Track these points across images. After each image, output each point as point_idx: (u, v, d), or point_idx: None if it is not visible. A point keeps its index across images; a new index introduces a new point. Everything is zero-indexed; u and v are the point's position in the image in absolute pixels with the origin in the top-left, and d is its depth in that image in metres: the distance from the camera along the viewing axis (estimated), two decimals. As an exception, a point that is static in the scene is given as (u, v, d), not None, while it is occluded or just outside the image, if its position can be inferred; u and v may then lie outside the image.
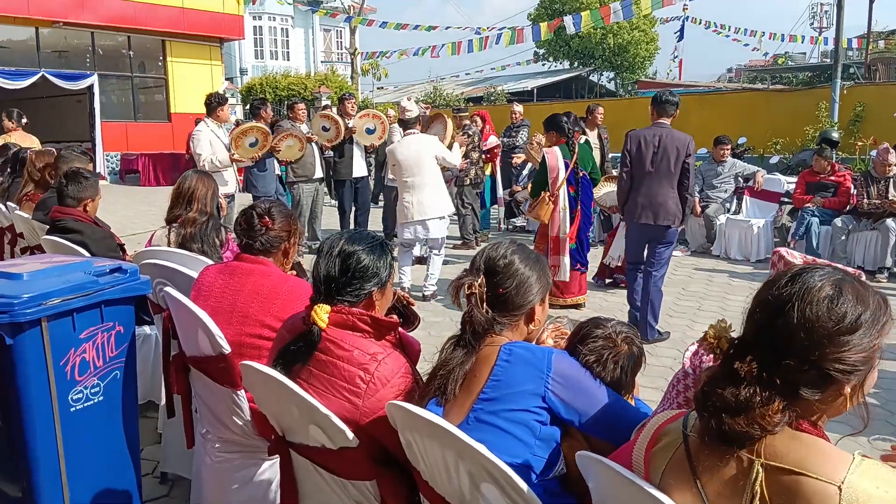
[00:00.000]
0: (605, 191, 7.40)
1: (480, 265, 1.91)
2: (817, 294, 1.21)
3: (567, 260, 6.13)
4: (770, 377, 1.21)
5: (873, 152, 7.97)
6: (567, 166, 6.07)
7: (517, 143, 9.92)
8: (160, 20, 20.06)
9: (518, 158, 9.48)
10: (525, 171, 9.90)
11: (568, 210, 6.11)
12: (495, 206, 10.36)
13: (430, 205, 6.32)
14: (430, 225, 6.35)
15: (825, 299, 1.21)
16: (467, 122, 8.98)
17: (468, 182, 8.79)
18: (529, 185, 7.37)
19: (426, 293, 6.50)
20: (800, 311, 1.20)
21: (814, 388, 1.21)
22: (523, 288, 1.89)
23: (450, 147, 6.91)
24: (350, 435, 1.79)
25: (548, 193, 6.04)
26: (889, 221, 7.27)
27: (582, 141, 6.82)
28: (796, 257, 2.01)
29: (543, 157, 6.21)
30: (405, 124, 6.68)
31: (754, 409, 1.19)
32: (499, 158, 9.79)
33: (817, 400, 1.23)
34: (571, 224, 6.13)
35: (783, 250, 2.06)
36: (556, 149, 6.13)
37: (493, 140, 9.53)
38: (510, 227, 10.48)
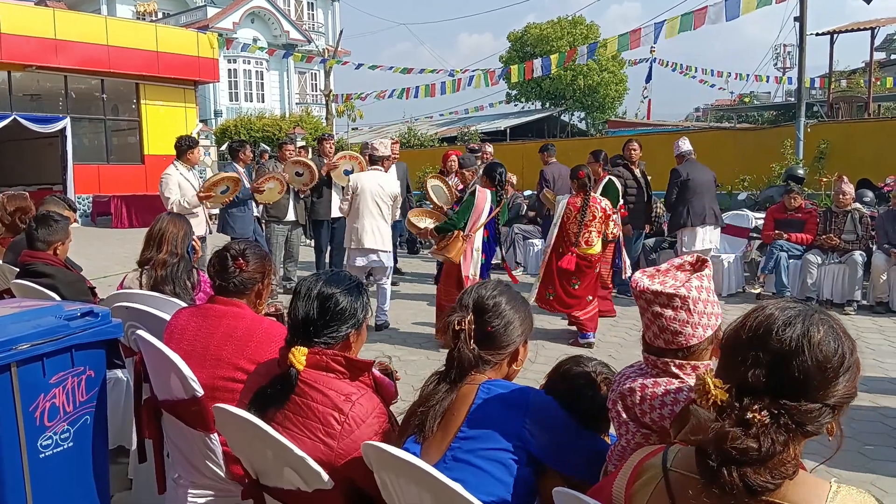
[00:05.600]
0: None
1: (469, 303, 1.93)
2: (820, 336, 1.23)
3: None
4: (784, 422, 1.20)
5: (836, 187, 8.16)
6: (491, 211, 6.14)
7: None
8: (134, 64, 20.12)
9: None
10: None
11: (480, 252, 6.12)
12: None
13: (384, 235, 6.54)
14: (381, 254, 6.56)
15: (828, 340, 1.23)
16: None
17: None
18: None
19: (378, 322, 6.68)
20: (812, 356, 1.21)
21: (821, 425, 1.23)
22: (510, 328, 1.92)
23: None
24: (325, 477, 1.78)
25: (462, 233, 6.07)
26: (856, 255, 7.43)
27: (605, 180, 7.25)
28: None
29: (473, 193, 6.25)
30: (373, 161, 6.89)
31: (776, 457, 1.18)
32: None
33: (817, 434, 1.24)
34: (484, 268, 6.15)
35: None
36: (488, 191, 6.20)
37: None
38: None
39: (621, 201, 7.73)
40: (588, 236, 6.16)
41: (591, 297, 6.29)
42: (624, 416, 1.77)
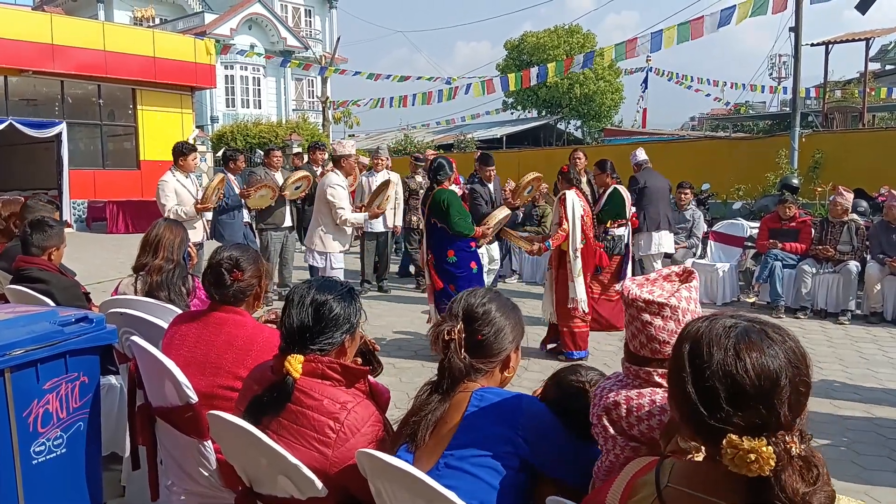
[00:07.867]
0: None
1: (459, 312, 1.91)
2: (795, 346, 1.21)
3: (431, 308, 6.07)
4: (804, 436, 1.18)
5: (832, 197, 8.20)
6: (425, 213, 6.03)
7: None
8: (131, 69, 20.12)
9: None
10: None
11: (427, 254, 5.98)
12: None
13: (314, 236, 6.95)
14: (316, 256, 6.98)
15: (798, 348, 1.22)
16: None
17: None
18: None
19: None
20: (803, 368, 1.20)
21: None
22: (501, 335, 1.90)
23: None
24: (319, 485, 1.78)
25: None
26: (850, 265, 7.44)
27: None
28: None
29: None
30: (334, 161, 7.07)
31: (821, 479, 1.16)
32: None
33: None
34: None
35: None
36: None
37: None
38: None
39: (633, 210, 7.66)
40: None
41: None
42: (611, 430, 1.75)
